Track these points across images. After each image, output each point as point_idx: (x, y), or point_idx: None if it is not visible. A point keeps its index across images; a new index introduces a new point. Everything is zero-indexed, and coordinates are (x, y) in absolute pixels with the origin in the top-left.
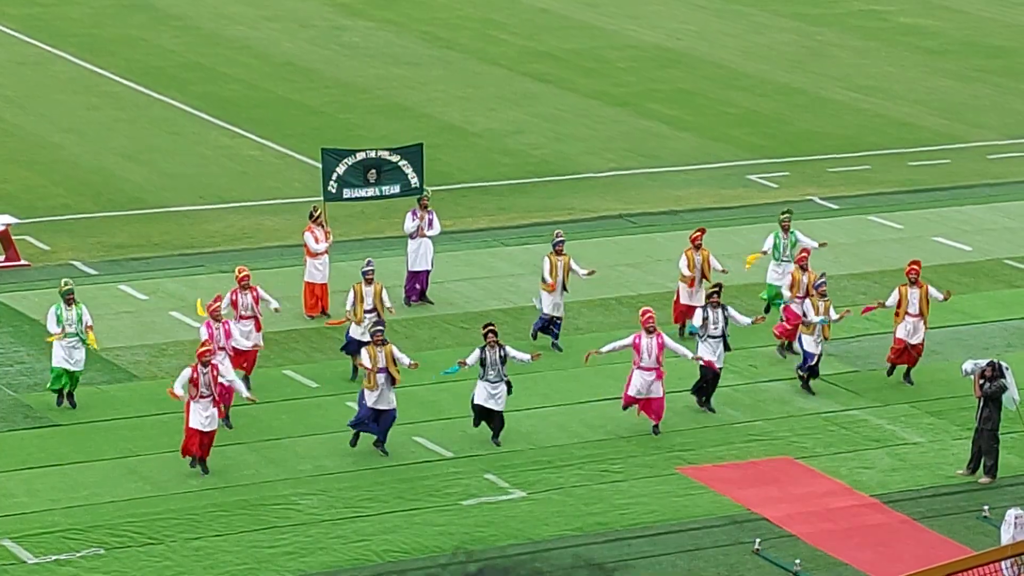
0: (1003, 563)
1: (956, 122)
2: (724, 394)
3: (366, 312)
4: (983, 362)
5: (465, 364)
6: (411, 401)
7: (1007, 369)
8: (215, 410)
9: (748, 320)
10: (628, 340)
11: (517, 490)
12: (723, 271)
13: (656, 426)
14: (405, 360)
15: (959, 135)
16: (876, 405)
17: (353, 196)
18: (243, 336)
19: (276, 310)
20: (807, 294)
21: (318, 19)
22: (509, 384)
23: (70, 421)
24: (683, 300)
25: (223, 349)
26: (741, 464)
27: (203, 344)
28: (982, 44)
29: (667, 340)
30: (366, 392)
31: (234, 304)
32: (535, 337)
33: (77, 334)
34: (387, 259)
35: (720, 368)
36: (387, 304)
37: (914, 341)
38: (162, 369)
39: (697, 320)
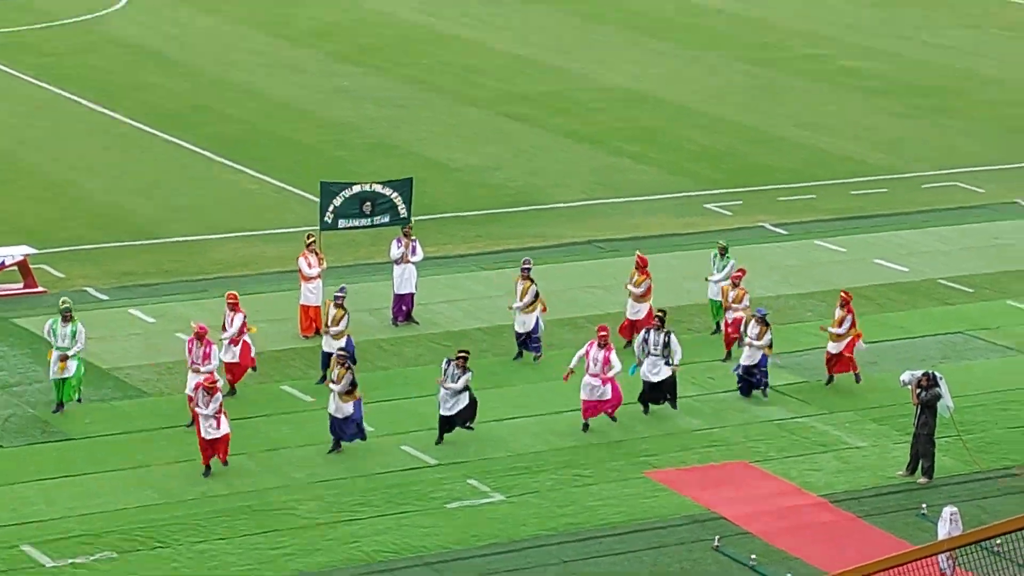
0: (940, 556)
1: (893, 155)
2: (685, 404)
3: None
4: (919, 373)
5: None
6: (398, 412)
7: (941, 379)
8: (216, 420)
9: (679, 355)
10: (581, 350)
11: (497, 494)
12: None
13: (611, 415)
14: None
15: (896, 167)
16: (823, 412)
17: (348, 226)
18: (227, 352)
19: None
20: (736, 305)
21: (312, 65)
22: (472, 398)
23: (84, 435)
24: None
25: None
26: (701, 468)
27: (208, 377)
28: (916, 85)
29: (612, 357)
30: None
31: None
32: (520, 356)
33: (67, 348)
34: (375, 283)
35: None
36: (335, 329)
37: (833, 351)
38: (169, 386)
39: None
